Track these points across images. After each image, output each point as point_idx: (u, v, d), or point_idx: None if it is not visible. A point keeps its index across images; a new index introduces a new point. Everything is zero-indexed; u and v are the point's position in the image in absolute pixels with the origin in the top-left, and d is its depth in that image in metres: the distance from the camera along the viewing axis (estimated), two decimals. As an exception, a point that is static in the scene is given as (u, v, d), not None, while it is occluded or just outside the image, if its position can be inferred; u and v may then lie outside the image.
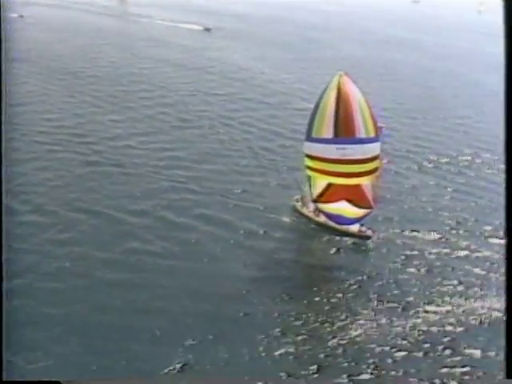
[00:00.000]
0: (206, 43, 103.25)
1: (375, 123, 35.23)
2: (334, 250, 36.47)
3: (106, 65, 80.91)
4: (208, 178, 45.35)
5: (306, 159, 36.52)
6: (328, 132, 34.94)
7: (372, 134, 34.96)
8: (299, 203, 41.10)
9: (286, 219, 39.90)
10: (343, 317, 29.72)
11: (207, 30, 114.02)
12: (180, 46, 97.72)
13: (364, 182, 35.82)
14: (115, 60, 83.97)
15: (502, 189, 21.06)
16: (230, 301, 30.17)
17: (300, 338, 27.95)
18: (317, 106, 35.66)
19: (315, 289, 32.07)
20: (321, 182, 36.55)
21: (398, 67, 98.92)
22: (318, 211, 39.27)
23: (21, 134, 50.24)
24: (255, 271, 33.44)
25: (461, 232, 39.89)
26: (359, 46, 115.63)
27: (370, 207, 36.94)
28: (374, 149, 35.34)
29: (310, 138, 35.87)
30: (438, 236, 38.81)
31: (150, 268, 32.46)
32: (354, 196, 36.09)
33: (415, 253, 36.44)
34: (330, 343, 27.63)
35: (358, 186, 35.85)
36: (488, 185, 48.40)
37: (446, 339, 28.41)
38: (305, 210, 40.52)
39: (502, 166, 21.37)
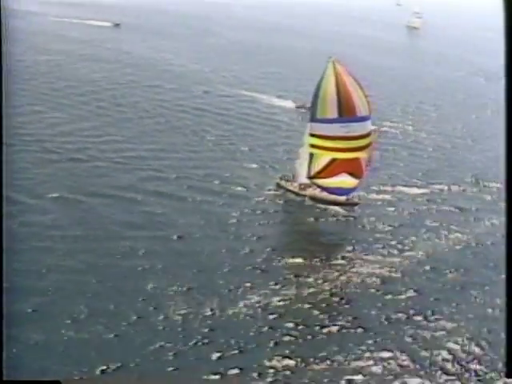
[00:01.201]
0: (116, 38, 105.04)
1: (368, 102, 39.62)
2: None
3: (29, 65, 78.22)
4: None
5: (310, 138, 40.12)
6: (332, 112, 38.84)
7: (368, 112, 39.34)
8: (282, 181, 44.77)
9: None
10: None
11: (117, 25, 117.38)
12: (92, 41, 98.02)
13: (362, 155, 40.14)
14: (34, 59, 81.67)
15: None
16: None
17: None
18: (317, 91, 39.37)
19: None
20: (324, 158, 40.30)
21: (286, 51, 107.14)
22: (305, 186, 43.46)
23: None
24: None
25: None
26: (243, 32, 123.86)
27: (363, 177, 41.42)
28: (369, 125, 39.80)
29: (314, 119, 39.54)
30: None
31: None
32: (354, 169, 40.32)
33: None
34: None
35: (357, 159, 40.09)
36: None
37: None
38: (289, 186, 44.26)
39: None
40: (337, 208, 42.17)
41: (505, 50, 16.41)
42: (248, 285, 31.09)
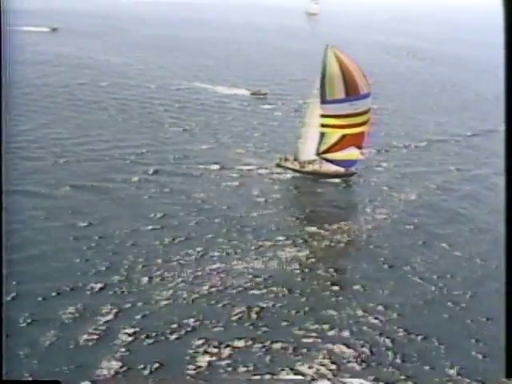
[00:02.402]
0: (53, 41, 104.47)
1: (367, 80, 44.36)
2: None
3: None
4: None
5: (321, 119, 44.28)
6: (340, 94, 43.09)
7: (368, 90, 44.06)
8: (281, 161, 48.59)
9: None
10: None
11: (54, 30, 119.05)
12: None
13: (366, 129, 44.90)
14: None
15: None
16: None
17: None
18: (324, 76, 43.50)
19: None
20: (335, 135, 44.52)
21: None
22: (305, 164, 47.74)
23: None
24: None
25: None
26: (153, 28, 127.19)
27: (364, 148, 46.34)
28: (369, 101, 44.53)
29: (325, 101, 43.58)
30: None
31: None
32: (360, 141, 44.90)
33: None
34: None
35: (362, 133, 44.74)
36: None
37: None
38: (289, 165, 48.10)
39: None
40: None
41: (505, 49, 16.06)
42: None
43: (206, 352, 24.75)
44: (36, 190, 40.60)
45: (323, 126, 44.67)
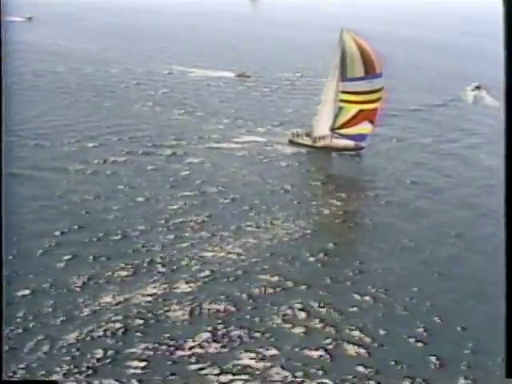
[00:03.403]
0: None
1: (380, 61, 48.49)
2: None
3: None
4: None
5: (341, 95, 48.26)
6: (360, 72, 47.36)
7: (381, 70, 48.27)
8: (294, 137, 52.15)
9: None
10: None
11: (29, 19, 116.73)
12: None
13: (379, 105, 49.12)
14: None
15: None
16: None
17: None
18: (344, 56, 47.48)
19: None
20: (352, 110, 48.67)
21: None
22: (317, 139, 51.49)
23: None
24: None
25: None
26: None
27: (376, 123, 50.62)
28: (382, 80, 48.76)
29: (345, 78, 47.70)
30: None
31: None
32: (373, 117, 49.19)
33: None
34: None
35: (376, 109, 48.97)
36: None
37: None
38: (301, 140, 51.93)
39: None
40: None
41: (504, 49, 16.18)
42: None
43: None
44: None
45: (342, 101, 48.59)
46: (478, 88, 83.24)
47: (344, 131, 49.99)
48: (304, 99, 66.45)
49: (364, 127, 49.43)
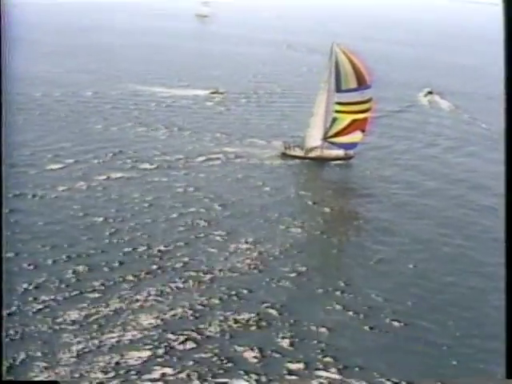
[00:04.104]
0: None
1: (368, 72, 50.90)
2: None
3: None
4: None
5: (336, 106, 50.31)
6: (353, 84, 49.48)
7: (371, 81, 50.71)
8: (286, 150, 53.90)
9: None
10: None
11: None
12: None
13: (369, 115, 51.48)
14: None
15: None
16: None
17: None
18: (338, 69, 49.62)
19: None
20: (346, 120, 50.72)
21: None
22: (309, 151, 53.43)
23: None
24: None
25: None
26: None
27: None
28: (371, 91, 51.23)
29: (340, 90, 49.82)
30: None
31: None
32: (365, 126, 51.44)
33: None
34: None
35: (366, 118, 51.29)
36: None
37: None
38: (293, 152, 53.79)
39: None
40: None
41: (504, 51, 15.95)
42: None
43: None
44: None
45: (337, 112, 50.71)
46: (430, 93, 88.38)
47: (337, 140, 52.07)
48: (280, 111, 68.99)
49: (356, 136, 51.64)
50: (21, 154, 47.89)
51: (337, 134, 51.69)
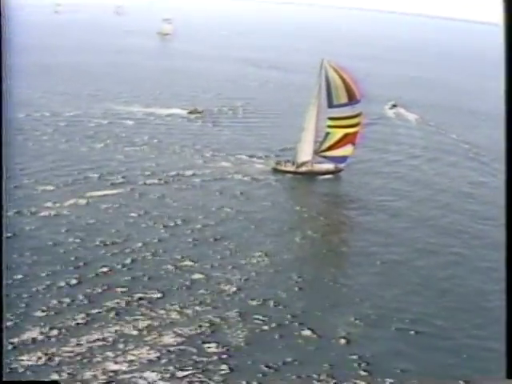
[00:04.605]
0: None
1: (358, 88, 52.64)
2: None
3: None
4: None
5: (328, 121, 51.90)
6: (345, 99, 51.14)
7: (360, 96, 52.47)
8: (277, 165, 55.24)
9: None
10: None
11: None
12: None
13: (360, 129, 53.21)
14: None
15: None
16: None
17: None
18: (328, 86, 51.16)
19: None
20: (338, 134, 52.37)
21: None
22: (300, 165, 54.84)
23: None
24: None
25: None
26: None
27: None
28: (361, 105, 53.06)
29: (332, 105, 51.47)
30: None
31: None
32: (355, 139, 53.16)
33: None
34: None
35: (357, 132, 53.01)
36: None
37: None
38: (284, 168, 55.09)
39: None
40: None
41: (504, 51, 16.26)
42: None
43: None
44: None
45: (330, 126, 52.28)
46: (394, 106, 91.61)
47: (329, 153, 53.66)
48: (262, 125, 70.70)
49: (347, 149, 53.33)
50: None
51: (329, 148, 53.26)
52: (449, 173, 58.67)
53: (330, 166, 55.24)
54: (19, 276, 32.20)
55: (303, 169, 54.87)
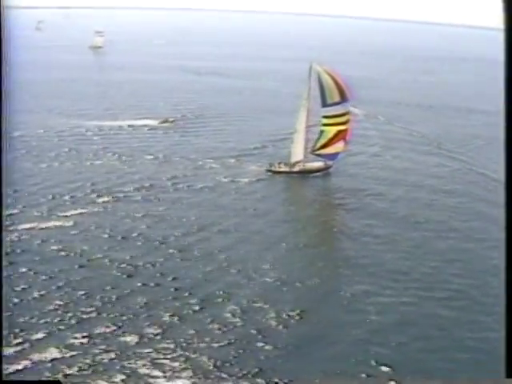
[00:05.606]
0: None
1: (347, 87, 54.97)
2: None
3: None
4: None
5: (323, 119, 54.12)
6: (337, 98, 53.48)
7: (349, 96, 54.83)
8: (271, 167, 57.02)
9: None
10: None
11: None
12: None
13: (350, 126, 55.59)
14: None
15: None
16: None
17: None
18: (322, 86, 53.34)
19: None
20: (332, 132, 54.57)
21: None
22: (293, 165, 56.86)
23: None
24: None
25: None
26: None
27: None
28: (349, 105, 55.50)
29: (326, 104, 53.71)
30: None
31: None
32: (347, 136, 55.52)
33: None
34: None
35: (348, 129, 55.36)
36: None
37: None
38: (278, 168, 57.01)
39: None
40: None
41: (505, 51, 16.36)
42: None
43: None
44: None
45: (324, 125, 54.51)
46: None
47: (323, 151, 55.86)
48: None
49: (339, 146, 55.69)
50: None
51: (324, 146, 55.45)
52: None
53: (320, 164, 57.57)
54: None
55: (296, 168, 56.87)
